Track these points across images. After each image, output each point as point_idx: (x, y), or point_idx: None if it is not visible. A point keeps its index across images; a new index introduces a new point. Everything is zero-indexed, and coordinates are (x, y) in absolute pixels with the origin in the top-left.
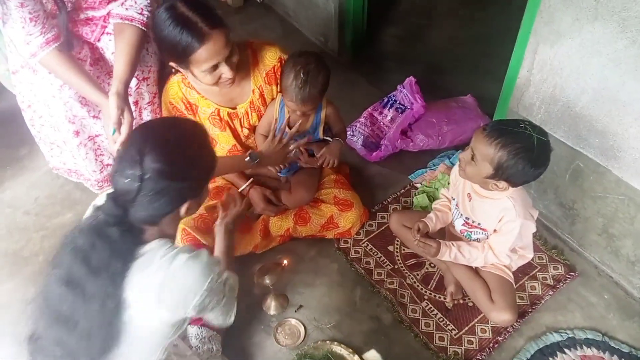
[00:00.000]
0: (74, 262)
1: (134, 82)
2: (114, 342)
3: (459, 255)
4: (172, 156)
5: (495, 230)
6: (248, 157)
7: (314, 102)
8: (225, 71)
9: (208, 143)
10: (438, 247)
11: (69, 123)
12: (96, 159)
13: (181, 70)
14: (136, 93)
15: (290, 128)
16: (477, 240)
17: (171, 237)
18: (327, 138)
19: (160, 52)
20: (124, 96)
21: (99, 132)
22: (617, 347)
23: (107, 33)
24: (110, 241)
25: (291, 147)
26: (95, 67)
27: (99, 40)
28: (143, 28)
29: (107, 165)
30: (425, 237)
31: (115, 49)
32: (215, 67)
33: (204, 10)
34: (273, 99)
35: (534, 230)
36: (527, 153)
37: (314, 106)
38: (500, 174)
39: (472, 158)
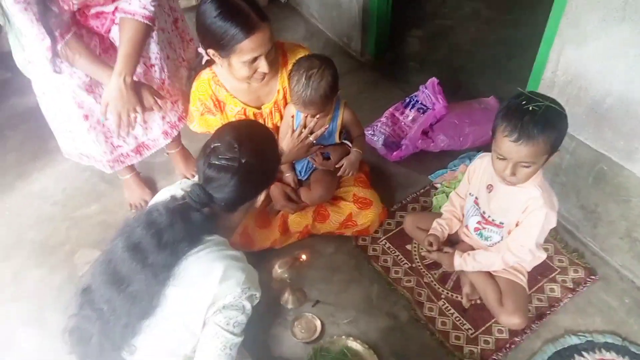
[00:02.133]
0: (146, 235)
1: (140, 68)
2: (152, 311)
3: (475, 264)
4: (263, 145)
5: (516, 224)
6: None
7: (317, 106)
8: (263, 65)
9: (276, 139)
10: (451, 260)
11: (78, 108)
12: (106, 141)
13: (218, 59)
14: (144, 80)
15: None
16: (489, 241)
17: (234, 231)
18: (346, 142)
19: (202, 40)
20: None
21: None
22: (637, 352)
23: (117, 24)
24: (190, 223)
25: (311, 138)
26: (106, 55)
27: (109, 32)
28: (146, 22)
29: (118, 146)
30: (439, 248)
31: (119, 42)
32: (255, 59)
33: (253, 2)
34: None
35: (555, 224)
36: (560, 119)
37: (319, 110)
38: (554, 150)
39: (523, 165)
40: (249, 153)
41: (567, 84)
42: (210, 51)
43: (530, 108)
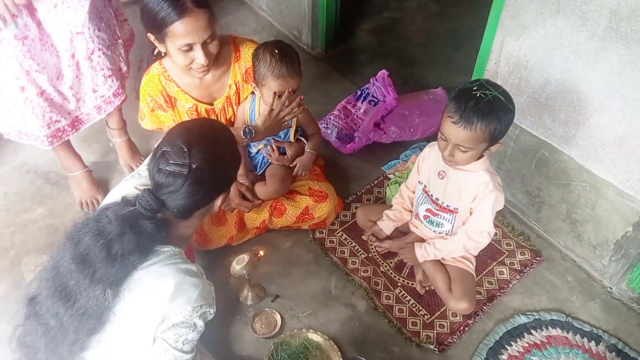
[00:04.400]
0: (95, 245)
1: (67, 35)
2: (102, 327)
3: (436, 252)
4: (215, 147)
5: (470, 211)
6: (242, 133)
7: (298, 74)
8: (199, 56)
9: (234, 139)
10: (412, 254)
11: (14, 79)
12: (43, 115)
13: (157, 43)
14: (71, 46)
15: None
16: (439, 228)
17: (189, 239)
18: (301, 139)
19: (143, 23)
20: None
21: (44, 88)
22: (579, 327)
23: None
24: (141, 233)
25: (287, 112)
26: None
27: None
28: None
29: (55, 121)
30: (390, 237)
31: None
32: (190, 48)
33: None
34: (246, 98)
35: (502, 206)
36: (505, 111)
37: (299, 81)
38: (494, 140)
39: (461, 149)
40: (200, 158)
41: (509, 74)
42: (150, 35)
43: (478, 94)
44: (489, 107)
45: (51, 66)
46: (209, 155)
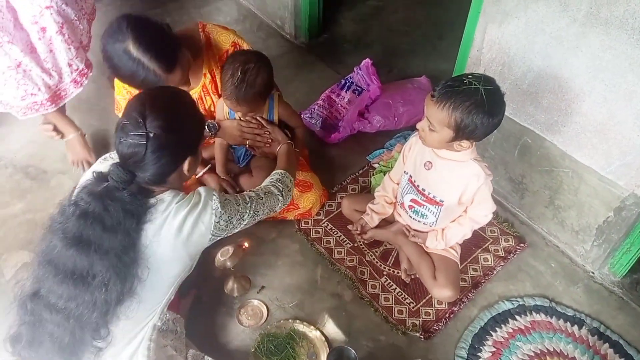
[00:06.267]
0: (85, 225)
1: (36, 9)
2: (131, 291)
3: (448, 241)
4: (170, 112)
5: (459, 202)
6: (206, 126)
7: (250, 104)
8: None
9: (194, 102)
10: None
11: None
12: (17, 87)
13: None
14: (41, 20)
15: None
16: (424, 219)
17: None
18: (286, 131)
19: None
20: None
21: (20, 59)
22: (562, 312)
23: None
24: (123, 203)
25: (248, 142)
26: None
27: None
28: None
29: (32, 94)
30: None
31: None
32: None
33: (159, 51)
34: None
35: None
36: (479, 107)
37: (251, 109)
38: (461, 134)
39: (430, 127)
40: (157, 125)
41: (492, 62)
42: None
43: (465, 80)
44: (465, 95)
45: (19, 39)
46: (165, 121)
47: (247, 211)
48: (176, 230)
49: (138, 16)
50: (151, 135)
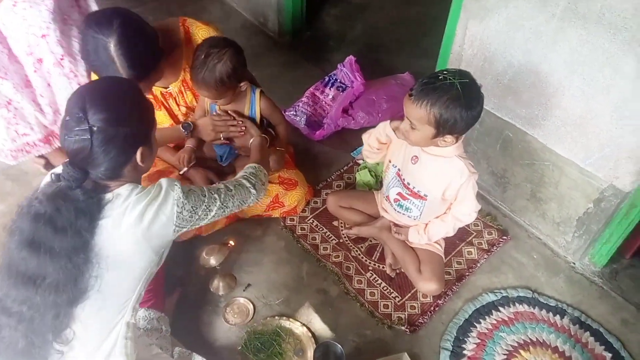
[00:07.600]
0: (37, 227)
1: (32, 38)
2: (82, 295)
3: (431, 237)
4: (112, 103)
5: (442, 196)
6: (181, 126)
7: (211, 90)
8: None
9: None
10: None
11: None
12: (7, 128)
13: None
14: (38, 50)
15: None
16: (408, 212)
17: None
18: (269, 129)
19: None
20: None
21: (10, 97)
22: (545, 302)
23: None
24: (76, 202)
25: (222, 136)
26: None
27: None
28: None
29: (23, 134)
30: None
31: None
32: None
33: (136, 61)
34: None
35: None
36: (456, 101)
37: (211, 95)
38: (442, 129)
39: (411, 126)
40: (99, 119)
41: (473, 57)
42: None
43: (440, 77)
44: (442, 91)
45: (13, 72)
46: (107, 113)
47: (215, 202)
48: (136, 220)
49: (133, 18)
50: (94, 128)
